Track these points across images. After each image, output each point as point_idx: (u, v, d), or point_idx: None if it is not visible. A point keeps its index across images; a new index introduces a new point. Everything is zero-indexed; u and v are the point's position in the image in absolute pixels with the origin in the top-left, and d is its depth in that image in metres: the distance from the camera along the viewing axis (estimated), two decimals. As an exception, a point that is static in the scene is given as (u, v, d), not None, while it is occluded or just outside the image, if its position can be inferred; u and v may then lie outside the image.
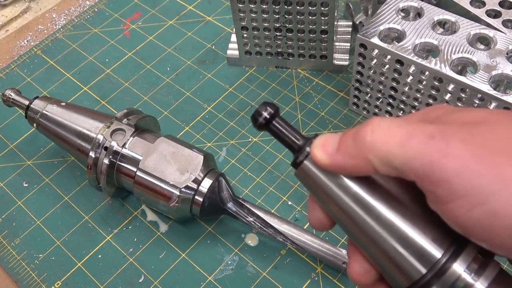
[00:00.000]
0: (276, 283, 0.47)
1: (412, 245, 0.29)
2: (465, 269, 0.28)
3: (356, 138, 0.28)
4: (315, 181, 0.30)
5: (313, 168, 0.30)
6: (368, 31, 0.49)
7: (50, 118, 0.52)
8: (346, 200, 0.30)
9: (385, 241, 0.29)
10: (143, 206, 0.53)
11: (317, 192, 0.31)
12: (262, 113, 0.31)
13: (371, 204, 0.29)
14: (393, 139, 0.26)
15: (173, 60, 0.65)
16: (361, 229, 0.30)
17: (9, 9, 0.75)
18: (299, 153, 0.31)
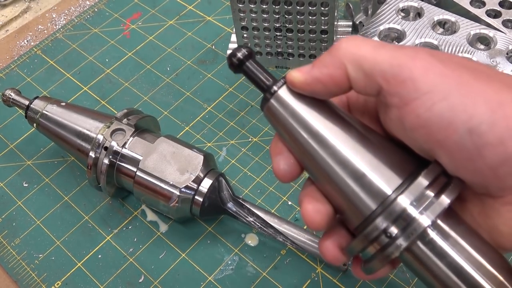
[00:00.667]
0: (276, 283, 0.47)
1: (363, 180, 0.29)
2: (412, 201, 0.28)
3: (331, 49, 0.30)
4: (284, 113, 0.31)
5: (284, 98, 0.31)
6: (368, 31, 0.49)
7: (50, 118, 0.52)
8: (308, 131, 0.30)
9: (338, 176, 0.30)
10: (143, 206, 0.53)
11: (284, 127, 0.31)
12: (236, 54, 0.32)
13: (329, 137, 0.30)
14: (366, 46, 0.29)
15: (173, 60, 0.65)
16: (319, 165, 0.30)
17: (9, 9, 0.75)
18: (268, 91, 0.32)
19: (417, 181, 0.28)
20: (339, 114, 0.31)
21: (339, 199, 0.30)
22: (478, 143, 0.26)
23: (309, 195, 0.31)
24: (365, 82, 0.29)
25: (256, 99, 0.60)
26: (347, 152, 0.30)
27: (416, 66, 0.27)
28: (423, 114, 0.27)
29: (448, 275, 0.28)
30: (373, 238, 0.29)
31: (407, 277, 0.46)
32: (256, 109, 0.59)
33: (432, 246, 0.28)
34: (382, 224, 0.28)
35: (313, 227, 0.31)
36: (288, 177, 0.32)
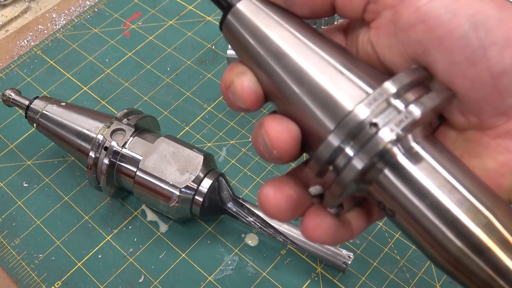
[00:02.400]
0: (276, 283, 0.47)
1: (323, 97, 0.24)
2: (373, 111, 0.22)
3: None
4: (242, 30, 0.27)
5: (244, 11, 0.27)
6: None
7: (50, 118, 0.52)
8: (268, 47, 0.26)
9: (298, 96, 0.25)
10: (143, 206, 0.53)
11: (243, 46, 0.27)
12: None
13: (291, 53, 0.25)
14: None
15: (173, 60, 0.65)
16: (279, 83, 0.26)
17: (9, 9, 0.75)
18: (227, 7, 0.27)
19: (382, 87, 0.23)
20: (304, 28, 0.26)
21: (303, 122, 0.25)
22: (484, 41, 0.22)
23: (272, 117, 0.26)
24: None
25: (256, 99, 0.60)
26: (311, 68, 0.25)
27: None
28: (423, 6, 0.23)
29: (421, 211, 0.23)
30: (327, 159, 0.23)
31: (407, 277, 0.46)
32: (256, 109, 0.59)
33: (401, 173, 0.23)
34: (335, 141, 0.23)
35: (279, 149, 0.25)
36: (253, 97, 0.26)
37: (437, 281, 0.46)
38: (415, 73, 0.23)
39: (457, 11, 0.22)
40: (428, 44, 0.23)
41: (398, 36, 0.24)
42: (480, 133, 0.24)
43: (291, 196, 0.25)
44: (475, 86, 0.23)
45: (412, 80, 0.23)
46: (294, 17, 0.27)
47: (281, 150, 0.25)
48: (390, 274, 0.47)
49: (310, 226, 0.25)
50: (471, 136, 0.25)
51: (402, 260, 0.47)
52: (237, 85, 0.26)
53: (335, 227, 0.26)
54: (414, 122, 0.22)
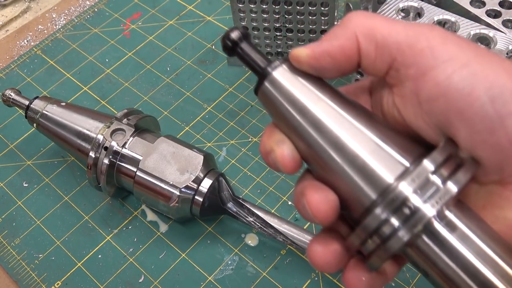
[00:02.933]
0: (276, 283, 0.47)
1: (363, 167, 0.26)
2: (416, 189, 0.25)
3: (342, 21, 0.28)
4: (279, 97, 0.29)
5: (279, 81, 0.29)
6: (368, 31, 0.48)
7: (50, 118, 0.52)
8: (306, 115, 0.28)
9: (337, 164, 0.27)
10: (143, 206, 0.53)
11: (279, 112, 0.29)
12: (230, 35, 0.30)
13: (328, 122, 0.28)
14: (379, 18, 0.27)
15: (173, 60, 0.65)
16: (318, 152, 0.28)
17: (9, 9, 0.75)
18: (263, 73, 0.30)
19: (422, 165, 0.25)
20: (338, 95, 0.29)
21: (340, 189, 0.28)
22: (501, 112, 0.24)
23: (312, 185, 0.28)
24: (376, 54, 0.27)
25: (255, 99, 0.60)
26: (346, 136, 0.27)
27: (434, 35, 0.26)
28: (443, 82, 0.25)
29: (456, 272, 0.25)
30: (373, 230, 0.26)
31: (407, 277, 0.46)
32: (256, 109, 0.59)
33: (438, 240, 0.26)
34: (382, 214, 0.25)
35: (320, 218, 0.27)
36: (294, 165, 0.29)
37: (437, 281, 0.46)
38: (446, 150, 0.26)
39: (474, 85, 0.24)
40: (450, 115, 0.25)
41: (421, 106, 0.26)
42: (501, 187, 0.27)
43: (337, 251, 0.29)
44: (496, 151, 0.25)
45: (445, 157, 0.26)
46: (326, 84, 0.29)
47: (322, 219, 0.27)
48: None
49: (352, 280, 0.28)
50: (493, 189, 0.27)
51: (402, 260, 0.47)
52: (277, 154, 0.29)
53: (374, 278, 0.29)
54: (452, 198, 0.25)
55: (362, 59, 0.28)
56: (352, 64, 0.28)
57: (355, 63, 0.28)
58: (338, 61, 0.28)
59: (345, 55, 0.27)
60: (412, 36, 0.26)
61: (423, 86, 0.26)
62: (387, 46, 0.27)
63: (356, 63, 0.28)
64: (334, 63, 0.28)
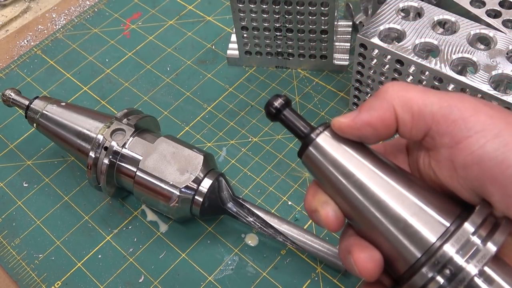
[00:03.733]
0: (276, 283, 0.47)
1: (407, 228, 0.29)
2: (458, 250, 0.27)
3: (378, 93, 0.31)
4: (323, 161, 0.31)
5: (322, 146, 0.31)
6: (368, 31, 0.49)
7: (50, 118, 0.52)
8: (349, 179, 0.30)
9: (382, 224, 0.29)
10: (143, 206, 0.53)
11: (324, 175, 0.31)
12: (274, 103, 0.32)
13: (371, 185, 0.30)
14: (414, 89, 0.30)
15: (173, 60, 0.65)
16: (362, 213, 0.30)
17: (9, 9, 0.75)
18: (306, 139, 0.32)
19: (463, 227, 0.28)
20: (379, 160, 0.31)
21: (384, 247, 0.30)
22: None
23: (357, 244, 0.31)
24: (412, 123, 0.30)
25: (255, 99, 0.60)
26: (389, 199, 0.29)
27: (466, 106, 0.28)
28: (477, 151, 0.28)
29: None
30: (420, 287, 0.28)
31: (407, 277, 0.46)
32: (256, 109, 0.59)
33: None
34: (428, 273, 0.28)
35: (366, 275, 0.30)
36: (337, 225, 0.32)
37: (437, 281, 0.46)
38: (483, 212, 0.28)
39: (506, 154, 0.27)
40: (484, 181, 0.28)
41: (457, 172, 0.29)
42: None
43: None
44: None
45: (483, 218, 0.28)
46: (367, 149, 0.31)
47: (368, 276, 0.30)
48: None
49: None
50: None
51: (402, 260, 0.47)
52: (322, 215, 0.32)
53: None
54: (492, 256, 0.27)
55: (400, 127, 0.30)
56: (390, 131, 0.30)
57: (393, 130, 0.30)
58: (378, 130, 0.30)
59: (384, 125, 0.30)
60: (445, 107, 0.29)
61: (458, 154, 0.28)
62: (423, 116, 0.29)
63: (394, 130, 0.30)
64: (374, 132, 0.30)
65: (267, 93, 0.60)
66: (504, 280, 0.28)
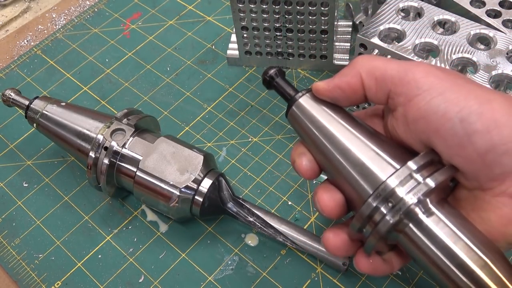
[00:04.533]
0: (276, 283, 0.47)
1: (365, 171, 0.34)
2: (399, 183, 0.31)
3: (350, 63, 0.36)
4: (302, 118, 0.37)
5: (303, 105, 0.37)
6: (368, 31, 0.49)
7: (50, 118, 0.52)
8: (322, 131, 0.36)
9: (345, 169, 0.34)
10: (143, 206, 0.53)
11: (303, 130, 0.37)
12: (268, 72, 0.39)
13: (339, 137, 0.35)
14: (378, 59, 0.35)
15: (173, 60, 0.65)
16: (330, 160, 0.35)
17: (9, 9, 0.75)
18: (291, 100, 0.38)
19: (405, 165, 0.32)
20: (349, 117, 0.36)
21: (347, 189, 0.35)
22: (468, 130, 0.30)
23: (323, 187, 0.37)
24: (376, 87, 0.34)
25: (255, 99, 0.60)
26: (353, 149, 0.34)
27: (419, 70, 0.33)
28: (423, 106, 0.32)
29: (437, 255, 0.31)
30: (367, 216, 0.32)
31: (407, 277, 0.46)
32: (256, 109, 0.59)
33: (422, 227, 0.32)
34: (373, 202, 0.32)
35: (327, 212, 0.36)
36: (310, 173, 0.37)
37: (437, 281, 0.46)
38: (428, 156, 0.32)
39: (447, 109, 0.31)
40: (429, 133, 0.32)
41: (409, 126, 0.33)
42: (483, 192, 0.32)
43: (345, 239, 0.36)
44: (468, 162, 0.31)
45: (426, 161, 0.32)
46: (340, 108, 0.37)
47: (329, 213, 0.36)
48: (390, 274, 0.47)
49: (361, 262, 0.36)
50: (477, 195, 0.32)
51: (402, 260, 0.47)
52: (297, 164, 0.38)
53: (379, 263, 0.36)
54: (429, 190, 0.31)
55: (366, 92, 0.35)
56: (358, 95, 0.35)
57: (361, 95, 0.35)
58: (346, 93, 0.35)
59: (351, 89, 0.35)
60: (402, 71, 0.33)
61: (409, 110, 0.33)
62: (384, 81, 0.34)
63: (362, 95, 0.35)
64: (344, 94, 0.36)
65: (267, 93, 0.60)
66: (444, 216, 0.32)
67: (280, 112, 0.58)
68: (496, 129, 0.29)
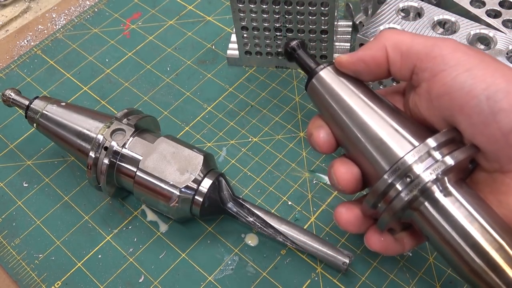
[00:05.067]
0: (276, 283, 0.47)
1: (383, 147, 0.33)
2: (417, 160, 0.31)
3: (375, 36, 0.35)
4: (322, 91, 0.36)
5: (324, 78, 0.36)
6: (368, 31, 0.49)
7: (50, 118, 0.52)
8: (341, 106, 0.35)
9: (363, 144, 0.34)
10: (143, 206, 0.53)
11: (322, 103, 0.36)
12: (290, 43, 0.39)
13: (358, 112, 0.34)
14: (404, 33, 0.34)
15: (173, 60, 0.65)
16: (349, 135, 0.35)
17: (9, 9, 0.75)
18: (312, 72, 0.37)
19: (425, 142, 0.31)
20: (370, 92, 0.35)
21: (363, 163, 0.34)
22: (494, 108, 0.29)
23: (340, 160, 0.35)
24: (401, 62, 0.33)
25: (255, 99, 0.60)
26: (371, 123, 0.33)
27: (446, 45, 0.32)
28: (448, 82, 0.31)
29: (452, 236, 0.30)
30: (382, 192, 0.31)
31: (407, 277, 0.46)
32: (256, 109, 0.59)
33: (437, 206, 0.31)
34: (389, 178, 0.31)
35: (343, 186, 0.34)
36: (327, 145, 0.36)
37: (437, 281, 0.46)
38: (449, 133, 0.31)
39: (473, 86, 0.30)
40: (452, 110, 0.31)
41: (432, 103, 0.32)
42: (503, 175, 0.31)
43: (358, 215, 0.35)
44: (491, 141, 0.30)
45: (447, 139, 0.31)
46: (361, 83, 0.36)
47: (345, 186, 0.35)
48: (390, 274, 0.47)
49: (372, 239, 0.35)
50: (497, 177, 0.31)
51: (402, 260, 0.47)
52: (314, 137, 0.37)
53: (390, 241, 0.35)
54: (448, 168, 0.30)
55: (391, 66, 0.34)
56: (382, 70, 0.34)
57: (385, 69, 0.34)
58: (370, 67, 0.34)
59: (375, 62, 0.34)
60: (429, 46, 0.32)
61: (433, 86, 0.32)
62: (409, 55, 0.33)
63: (386, 69, 0.34)
64: (367, 68, 0.35)
65: (267, 93, 0.60)
66: (461, 196, 0.31)
67: (280, 112, 0.58)
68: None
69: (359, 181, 0.35)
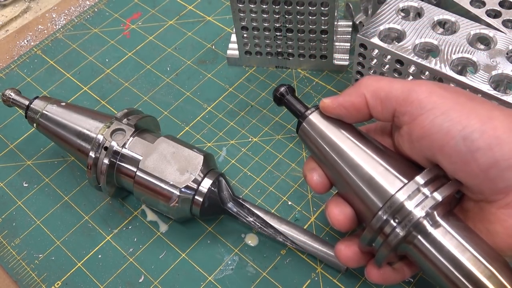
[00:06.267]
0: (276, 283, 0.47)
1: (374, 185, 0.35)
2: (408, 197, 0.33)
3: (355, 83, 0.37)
4: (313, 134, 0.39)
5: (313, 122, 0.39)
6: (368, 31, 0.49)
7: (50, 118, 0.52)
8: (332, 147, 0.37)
9: (355, 183, 0.36)
10: (143, 206, 0.53)
11: (313, 145, 0.39)
12: (279, 89, 0.41)
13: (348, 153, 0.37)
14: (382, 80, 0.36)
15: (173, 60, 0.65)
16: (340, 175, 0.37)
17: (9, 9, 0.75)
18: (302, 116, 0.40)
19: (413, 180, 0.33)
20: (358, 134, 0.38)
21: (356, 202, 0.36)
22: (471, 147, 0.31)
23: (334, 201, 0.38)
24: (382, 107, 0.36)
25: (255, 99, 0.60)
26: (362, 164, 0.36)
27: (422, 90, 0.34)
28: (427, 125, 0.33)
29: (446, 266, 0.32)
30: (377, 228, 0.33)
31: (407, 277, 0.46)
32: (256, 109, 0.59)
33: (430, 239, 0.33)
34: (383, 216, 0.33)
35: (338, 226, 0.37)
36: (320, 187, 0.39)
37: (437, 281, 0.46)
38: (434, 171, 0.34)
39: (450, 128, 0.32)
40: (433, 151, 0.33)
41: (414, 144, 0.34)
42: (488, 204, 0.33)
43: (357, 251, 0.38)
44: (472, 177, 0.32)
45: (433, 175, 0.33)
46: (348, 124, 0.38)
47: (339, 226, 0.38)
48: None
49: (372, 272, 0.37)
50: (483, 206, 0.33)
51: (402, 260, 0.47)
52: (308, 179, 0.40)
53: (390, 273, 0.37)
54: (437, 203, 0.32)
55: (372, 111, 0.36)
56: (363, 114, 0.37)
57: (365, 113, 0.37)
58: (351, 112, 0.37)
59: (355, 108, 0.37)
60: (406, 91, 0.34)
61: (414, 129, 0.34)
62: (389, 101, 0.35)
63: (367, 113, 0.37)
64: (348, 113, 0.37)
65: (267, 93, 0.60)
66: (451, 228, 0.33)
67: (280, 112, 0.58)
68: (498, 145, 0.31)
69: (353, 220, 0.37)
